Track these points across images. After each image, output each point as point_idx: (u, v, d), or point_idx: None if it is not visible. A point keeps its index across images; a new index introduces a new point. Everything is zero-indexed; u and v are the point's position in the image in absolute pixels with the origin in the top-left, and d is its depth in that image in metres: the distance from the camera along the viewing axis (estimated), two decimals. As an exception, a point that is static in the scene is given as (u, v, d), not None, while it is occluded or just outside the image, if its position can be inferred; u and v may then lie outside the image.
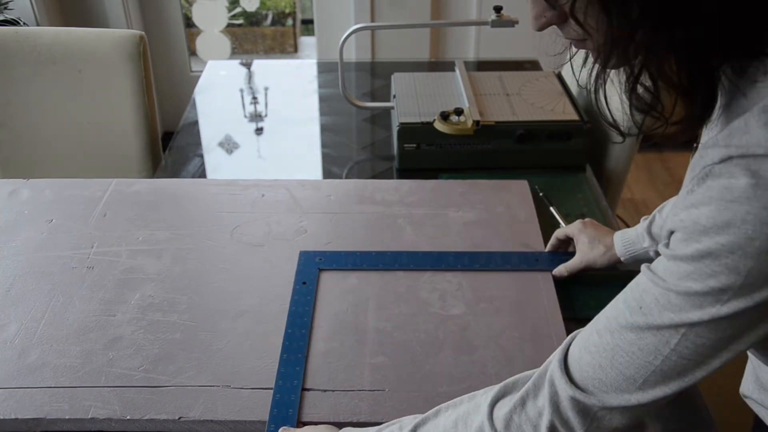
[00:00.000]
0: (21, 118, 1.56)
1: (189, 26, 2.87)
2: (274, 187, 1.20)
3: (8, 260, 1.03)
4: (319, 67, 1.86)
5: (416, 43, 2.58)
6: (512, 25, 1.33)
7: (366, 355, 0.87)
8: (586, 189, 1.26)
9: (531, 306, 0.95)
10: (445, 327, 0.91)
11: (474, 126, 1.29)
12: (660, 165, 2.79)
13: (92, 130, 1.58)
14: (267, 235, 1.08)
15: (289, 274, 1.00)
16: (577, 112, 1.35)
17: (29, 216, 1.12)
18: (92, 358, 0.86)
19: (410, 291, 0.97)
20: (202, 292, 0.97)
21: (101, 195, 1.18)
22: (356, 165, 1.41)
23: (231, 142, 1.49)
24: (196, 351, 0.88)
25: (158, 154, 1.61)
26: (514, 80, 1.49)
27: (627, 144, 1.41)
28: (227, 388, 0.83)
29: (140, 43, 1.51)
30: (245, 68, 1.83)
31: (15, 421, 0.79)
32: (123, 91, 1.54)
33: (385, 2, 2.51)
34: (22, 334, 0.90)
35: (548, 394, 0.61)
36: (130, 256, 1.04)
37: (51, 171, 1.59)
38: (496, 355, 0.87)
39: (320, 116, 1.60)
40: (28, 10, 2.33)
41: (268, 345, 0.88)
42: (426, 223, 1.11)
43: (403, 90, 1.45)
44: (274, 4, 3.37)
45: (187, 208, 1.15)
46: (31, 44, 1.51)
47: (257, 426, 0.80)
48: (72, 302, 0.95)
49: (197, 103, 1.65)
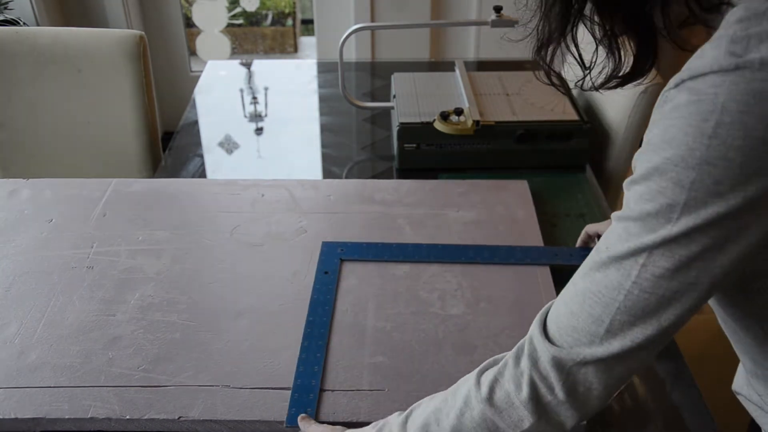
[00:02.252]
0: (21, 118, 1.56)
1: (189, 26, 2.87)
2: (274, 187, 1.20)
3: (8, 260, 1.03)
4: (319, 67, 1.86)
5: (416, 43, 2.58)
6: (512, 25, 1.33)
7: (365, 355, 0.87)
8: (586, 189, 1.26)
9: (530, 306, 0.95)
10: (445, 327, 0.91)
11: (474, 126, 1.29)
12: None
13: (92, 130, 1.58)
14: (267, 234, 1.08)
15: (288, 274, 1.00)
16: (577, 112, 1.35)
17: (29, 216, 1.12)
18: (92, 358, 0.86)
19: (410, 291, 0.97)
20: (201, 292, 0.97)
21: (101, 195, 1.18)
22: (356, 165, 1.41)
23: (231, 142, 1.49)
24: (196, 351, 0.88)
25: (158, 154, 1.61)
26: (514, 80, 1.49)
27: (627, 144, 1.41)
28: (227, 388, 0.83)
29: (140, 43, 1.51)
30: (245, 68, 1.83)
31: (15, 420, 0.79)
32: (123, 91, 1.54)
33: (385, 2, 2.51)
34: (21, 334, 0.90)
35: (527, 351, 0.63)
36: (130, 256, 1.04)
37: (51, 171, 1.59)
38: (495, 354, 0.87)
39: (320, 116, 1.60)
40: (28, 10, 2.33)
41: (267, 344, 0.88)
42: (425, 223, 1.11)
43: (403, 90, 1.45)
44: (274, 4, 3.37)
45: (187, 207, 1.15)
46: (31, 44, 1.51)
47: (257, 426, 0.80)
48: (72, 302, 0.95)
49: (197, 103, 1.65)
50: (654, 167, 0.54)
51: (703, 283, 0.55)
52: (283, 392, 0.82)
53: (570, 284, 0.63)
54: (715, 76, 0.51)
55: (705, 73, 0.51)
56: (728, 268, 0.55)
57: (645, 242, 0.55)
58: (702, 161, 0.51)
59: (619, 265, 0.57)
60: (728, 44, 0.51)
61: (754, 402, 0.77)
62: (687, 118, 0.52)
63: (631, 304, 0.57)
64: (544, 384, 0.62)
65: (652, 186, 0.54)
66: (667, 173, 0.53)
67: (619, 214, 0.58)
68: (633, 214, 0.56)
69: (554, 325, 0.62)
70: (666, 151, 0.53)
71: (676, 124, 0.52)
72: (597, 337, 0.59)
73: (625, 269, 0.57)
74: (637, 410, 0.83)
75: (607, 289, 0.58)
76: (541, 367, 0.62)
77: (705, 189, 0.52)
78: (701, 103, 0.51)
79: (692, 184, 0.52)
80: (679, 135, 0.52)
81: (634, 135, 1.39)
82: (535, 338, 0.63)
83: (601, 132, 1.43)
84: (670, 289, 0.56)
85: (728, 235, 0.53)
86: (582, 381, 0.61)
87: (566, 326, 0.61)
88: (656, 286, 0.56)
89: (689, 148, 0.52)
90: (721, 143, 0.50)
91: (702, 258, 0.54)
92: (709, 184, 0.51)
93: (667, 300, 0.56)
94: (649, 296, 0.56)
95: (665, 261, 0.55)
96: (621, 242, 0.57)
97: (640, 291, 0.56)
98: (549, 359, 0.61)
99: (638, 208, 0.56)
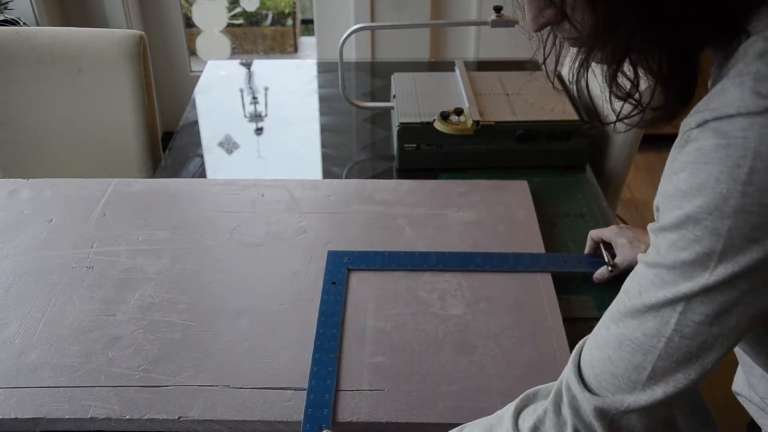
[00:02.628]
0: (21, 118, 1.56)
1: (189, 26, 2.87)
2: (274, 187, 1.20)
3: (8, 260, 1.03)
4: (319, 67, 1.86)
5: (416, 43, 2.58)
6: (512, 25, 1.33)
7: (365, 355, 0.87)
8: (586, 189, 1.26)
9: (530, 306, 0.95)
10: (445, 327, 0.91)
11: (474, 126, 1.29)
12: (660, 165, 2.77)
13: (92, 130, 1.58)
14: (267, 235, 1.08)
15: (288, 274, 1.00)
16: (577, 112, 1.35)
17: (29, 216, 1.12)
18: (92, 358, 0.86)
19: (410, 291, 0.97)
20: (201, 292, 0.97)
21: (101, 195, 1.18)
22: (356, 165, 1.41)
23: (231, 142, 1.49)
24: (196, 351, 0.88)
25: (158, 154, 1.61)
26: (514, 80, 1.49)
27: (627, 144, 1.41)
28: (227, 388, 0.83)
29: (140, 43, 1.51)
30: (245, 68, 1.83)
31: (15, 420, 0.79)
32: (123, 91, 1.54)
33: (385, 2, 2.51)
34: (21, 334, 0.90)
35: (567, 400, 0.61)
36: (130, 256, 1.04)
37: (51, 171, 1.59)
38: (495, 355, 0.87)
39: (320, 116, 1.60)
40: (28, 10, 2.33)
41: (267, 344, 0.89)
42: (425, 223, 1.11)
43: (403, 90, 1.45)
44: (274, 4, 3.37)
45: (187, 207, 1.15)
46: (31, 44, 1.51)
47: (257, 426, 0.80)
48: (72, 302, 0.95)
49: (197, 103, 1.65)
50: (686, 216, 0.52)
51: (743, 325, 0.55)
52: (283, 392, 0.82)
53: (602, 327, 0.61)
54: (743, 119, 0.49)
55: (731, 115, 0.50)
56: (767, 309, 0.54)
57: (682, 291, 0.54)
58: (738, 209, 0.50)
59: (656, 312, 0.56)
60: (753, 83, 0.50)
61: (755, 403, 0.77)
62: (717, 163, 0.50)
63: (672, 350, 0.56)
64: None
65: (687, 234, 0.53)
66: (700, 222, 0.51)
67: (649, 259, 0.57)
68: (666, 262, 0.55)
69: (590, 370, 0.61)
70: (698, 199, 0.51)
71: (706, 169, 0.51)
72: (639, 384, 0.58)
73: (663, 317, 0.55)
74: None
75: (646, 336, 0.57)
76: (583, 416, 0.60)
77: (742, 236, 0.51)
78: (731, 147, 0.49)
79: (729, 231, 0.51)
80: (710, 182, 0.50)
81: (633, 135, 1.39)
82: (573, 385, 0.61)
83: (601, 132, 1.43)
84: (711, 334, 0.55)
85: (767, 277, 0.52)
86: (626, 426, 0.60)
87: (604, 373, 0.60)
88: (697, 333, 0.55)
89: (723, 197, 0.50)
90: (756, 190, 0.49)
91: (743, 302, 0.53)
92: (746, 231, 0.50)
93: (710, 345, 0.55)
94: (691, 342, 0.55)
95: (705, 308, 0.54)
96: (656, 289, 0.56)
97: (681, 338, 0.55)
98: (591, 409, 0.60)
99: (672, 256, 0.54)
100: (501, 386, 0.83)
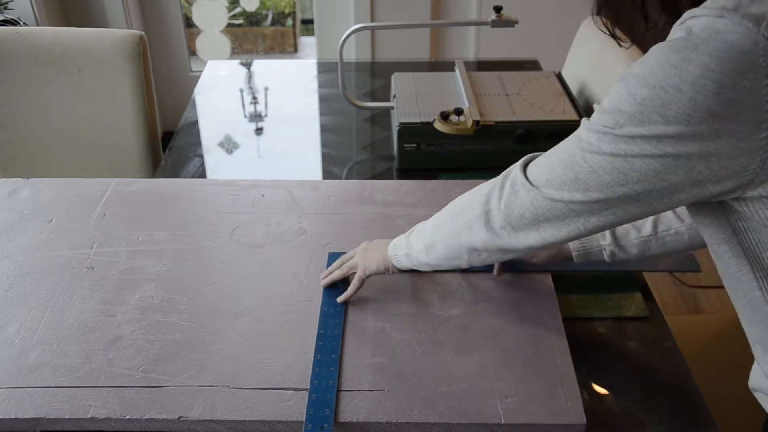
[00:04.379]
0: (21, 118, 1.56)
1: (189, 26, 2.87)
2: (274, 188, 1.20)
3: (8, 260, 1.03)
4: (319, 67, 1.86)
5: (416, 43, 2.58)
6: (512, 25, 1.34)
7: (365, 355, 0.87)
8: (585, 189, 1.26)
9: (530, 306, 0.95)
10: (445, 327, 0.91)
11: (474, 126, 1.29)
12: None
13: (92, 130, 1.58)
14: (267, 235, 1.08)
15: (288, 275, 1.00)
16: (577, 112, 1.35)
17: (29, 216, 1.12)
18: (92, 358, 0.86)
19: (410, 291, 0.97)
20: (201, 293, 0.97)
21: (101, 195, 1.18)
22: (356, 165, 1.41)
23: (231, 142, 1.49)
24: (196, 351, 0.88)
25: (158, 154, 1.61)
26: (514, 80, 1.49)
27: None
28: (227, 388, 0.83)
29: (140, 43, 1.51)
30: (245, 68, 1.84)
31: (15, 420, 0.79)
32: (123, 91, 1.54)
33: (385, 2, 2.51)
34: (21, 334, 0.90)
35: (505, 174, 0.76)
36: (130, 257, 1.04)
37: (51, 171, 1.59)
38: (495, 355, 0.87)
39: (320, 116, 1.60)
40: (28, 10, 2.33)
41: (267, 345, 0.88)
42: (426, 223, 1.11)
43: (403, 90, 1.45)
44: (274, 4, 3.37)
45: (187, 208, 1.15)
46: (31, 44, 1.51)
47: (257, 426, 0.80)
48: (72, 302, 0.95)
49: (197, 103, 1.65)
50: (623, 76, 0.62)
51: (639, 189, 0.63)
52: (283, 392, 0.82)
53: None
54: (705, 19, 0.58)
55: (698, 16, 0.59)
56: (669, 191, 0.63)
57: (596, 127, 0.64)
58: (656, 84, 0.59)
59: (577, 134, 0.68)
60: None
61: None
62: (665, 45, 0.60)
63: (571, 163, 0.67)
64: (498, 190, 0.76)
65: (618, 91, 0.62)
66: (629, 83, 0.61)
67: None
68: (599, 107, 0.65)
69: (533, 168, 0.73)
70: (637, 67, 0.61)
71: (656, 49, 0.60)
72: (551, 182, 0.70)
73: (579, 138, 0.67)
74: (637, 411, 0.83)
75: (566, 143, 0.69)
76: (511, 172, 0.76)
77: (652, 107, 0.59)
78: (685, 38, 0.58)
79: (643, 99, 0.59)
80: (651, 57, 0.60)
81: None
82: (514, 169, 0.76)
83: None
84: (599, 179, 0.64)
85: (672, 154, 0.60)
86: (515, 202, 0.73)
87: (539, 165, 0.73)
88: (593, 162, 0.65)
89: (651, 70, 0.59)
90: (678, 74, 0.57)
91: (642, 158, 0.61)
92: (657, 106, 0.58)
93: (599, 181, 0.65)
94: (586, 166, 0.65)
95: (606, 146, 0.63)
96: (584, 122, 0.67)
97: (582, 160, 0.66)
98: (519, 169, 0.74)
99: (605, 102, 0.64)
100: (501, 386, 0.83)
